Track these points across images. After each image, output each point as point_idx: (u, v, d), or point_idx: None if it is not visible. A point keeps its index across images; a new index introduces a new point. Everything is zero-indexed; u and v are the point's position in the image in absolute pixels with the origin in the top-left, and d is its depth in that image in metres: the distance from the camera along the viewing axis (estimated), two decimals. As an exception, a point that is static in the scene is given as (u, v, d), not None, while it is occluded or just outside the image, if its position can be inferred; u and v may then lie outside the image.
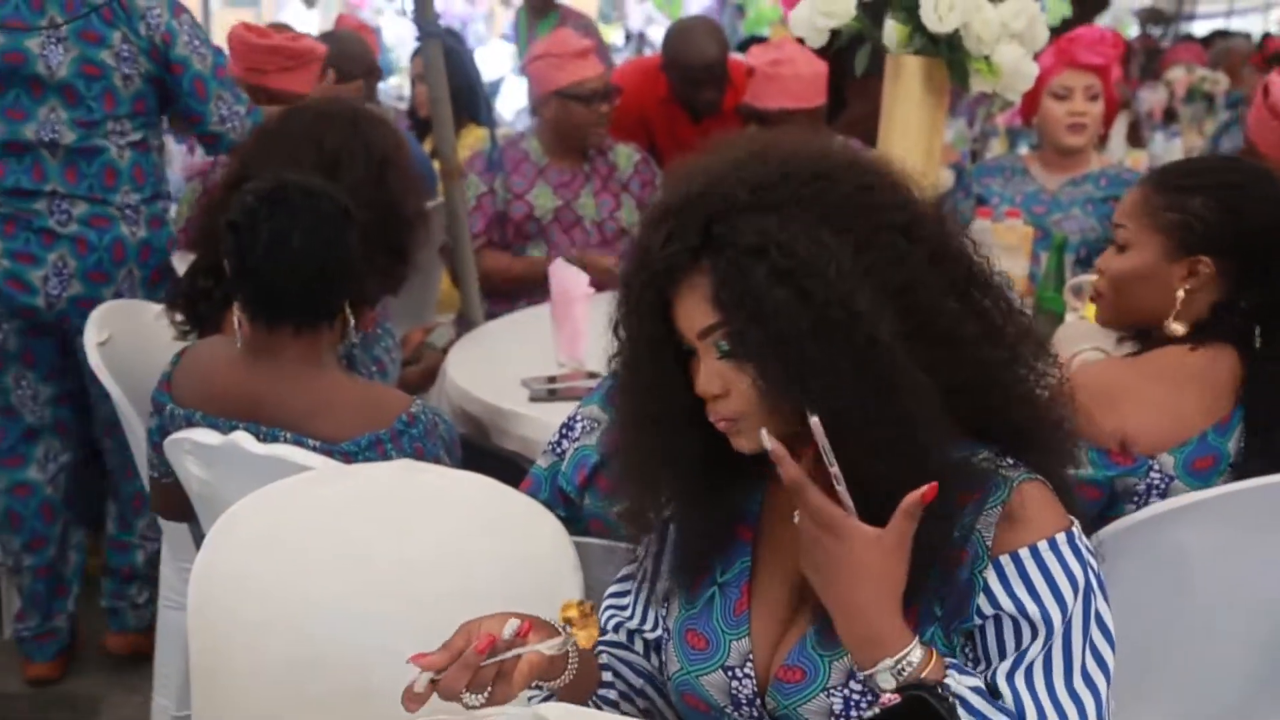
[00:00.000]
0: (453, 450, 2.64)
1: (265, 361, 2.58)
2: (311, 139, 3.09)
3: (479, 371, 3.38)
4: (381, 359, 3.17)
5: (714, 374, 1.58)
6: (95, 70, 3.56)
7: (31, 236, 3.61)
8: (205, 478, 2.54)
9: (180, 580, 3.07)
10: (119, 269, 3.67)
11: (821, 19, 3.33)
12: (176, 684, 3.08)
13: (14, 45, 3.51)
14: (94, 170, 3.63)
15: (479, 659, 1.50)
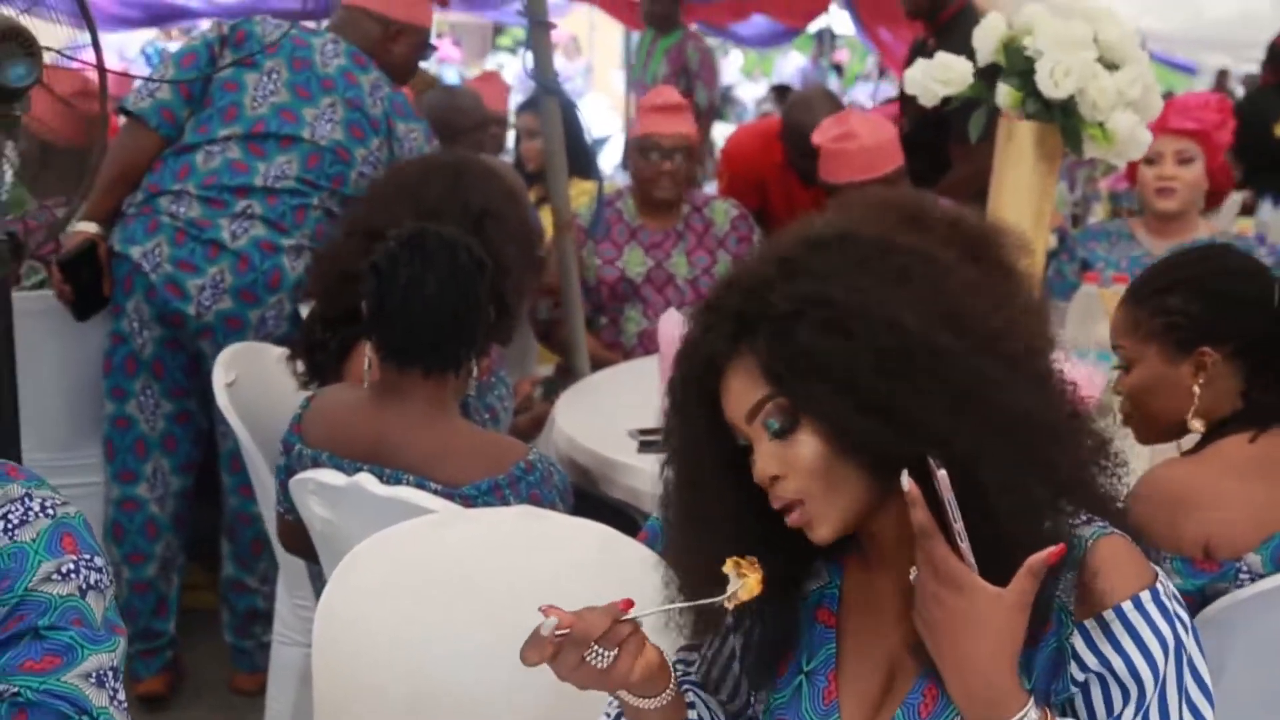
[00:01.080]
0: (566, 498, 2.66)
1: (392, 404, 2.62)
2: (411, 192, 3.18)
3: (587, 421, 3.40)
4: (494, 406, 3.20)
5: (769, 455, 1.53)
6: (344, 157, 3.82)
7: (198, 248, 3.77)
8: (328, 517, 2.57)
9: (295, 617, 3.13)
10: (270, 295, 3.81)
11: (936, 83, 3.35)
12: (288, 713, 3.11)
13: (293, 108, 3.78)
14: (291, 205, 3.82)
15: (620, 612, 1.52)
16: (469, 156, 3.82)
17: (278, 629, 3.21)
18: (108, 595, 1.73)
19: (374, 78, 3.96)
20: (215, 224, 3.81)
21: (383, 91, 3.97)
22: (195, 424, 4.00)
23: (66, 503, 1.78)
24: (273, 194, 3.84)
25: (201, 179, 3.84)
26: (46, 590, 1.67)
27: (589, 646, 1.51)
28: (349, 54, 3.96)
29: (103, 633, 1.68)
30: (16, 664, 1.63)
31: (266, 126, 3.86)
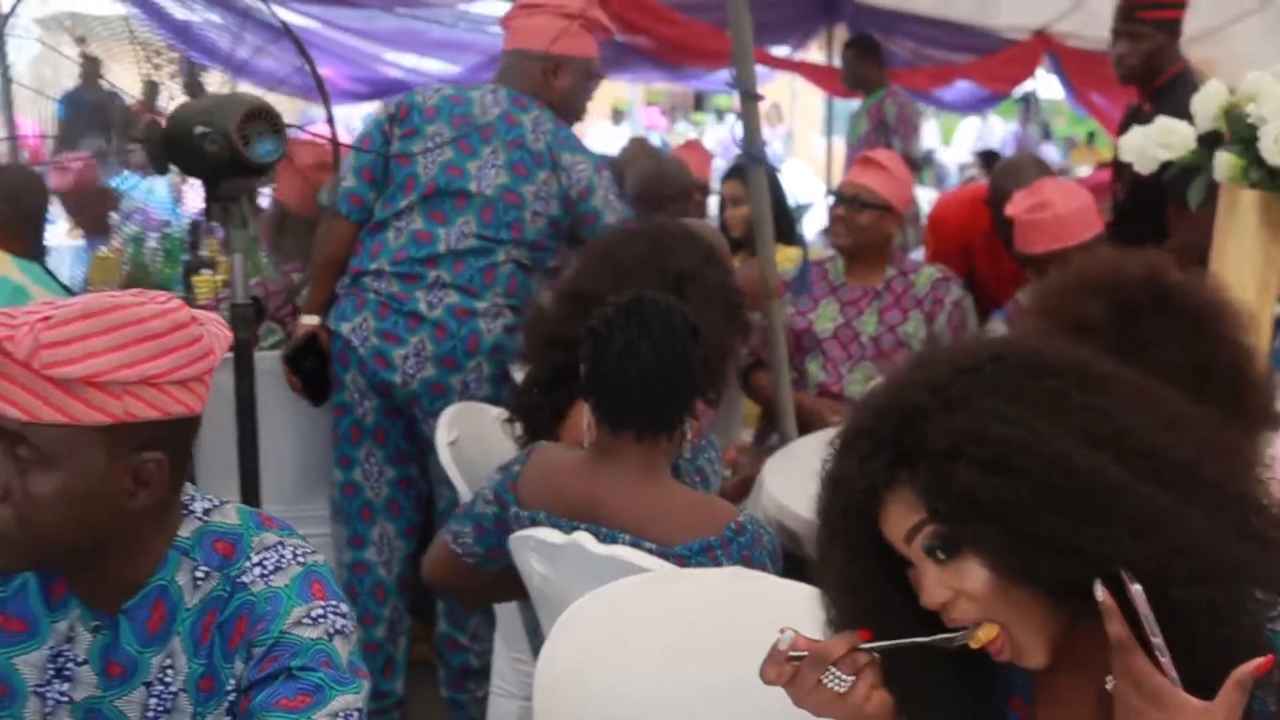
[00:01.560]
0: (775, 559, 2.66)
1: (607, 465, 2.67)
2: (612, 257, 3.25)
3: (795, 485, 3.36)
4: (704, 469, 3.21)
5: (935, 581, 1.51)
6: (514, 199, 3.91)
7: (400, 319, 3.90)
8: (547, 574, 2.61)
9: (511, 670, 3.19)
10: (469, 360, 3.91)
11: (1157, 149, 3.31)
12: None
13: (458, 163, 3.89)
14: (478, 267, 3.92)
15: (860, 640, 1.54)
16: (669, 221, 3.85)
17: (495, 682, 3.27)
18: (352, 640, 1.82)
19: (535, 115, 4.01)
20: (412, 296, 3.93)
21: (545, 126, 4.01)
22: (417, 489, 4.11)
23: (315, 551, 1.88)
24: (459, 259, 3.94)
25: (393, 255, 3.96)
26: (298, 633, 1.76)
27: (827, 669, 1.54)
28: (509, 98, 4.03)
29: (348, 675, 1.77)
30: (273, 701, 1.72)
31: (437, 187, 3.96)
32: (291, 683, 1.74)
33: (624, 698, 2.17)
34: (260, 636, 1.77)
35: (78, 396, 1.66)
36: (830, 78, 9.00)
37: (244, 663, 1.79)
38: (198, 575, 1.83)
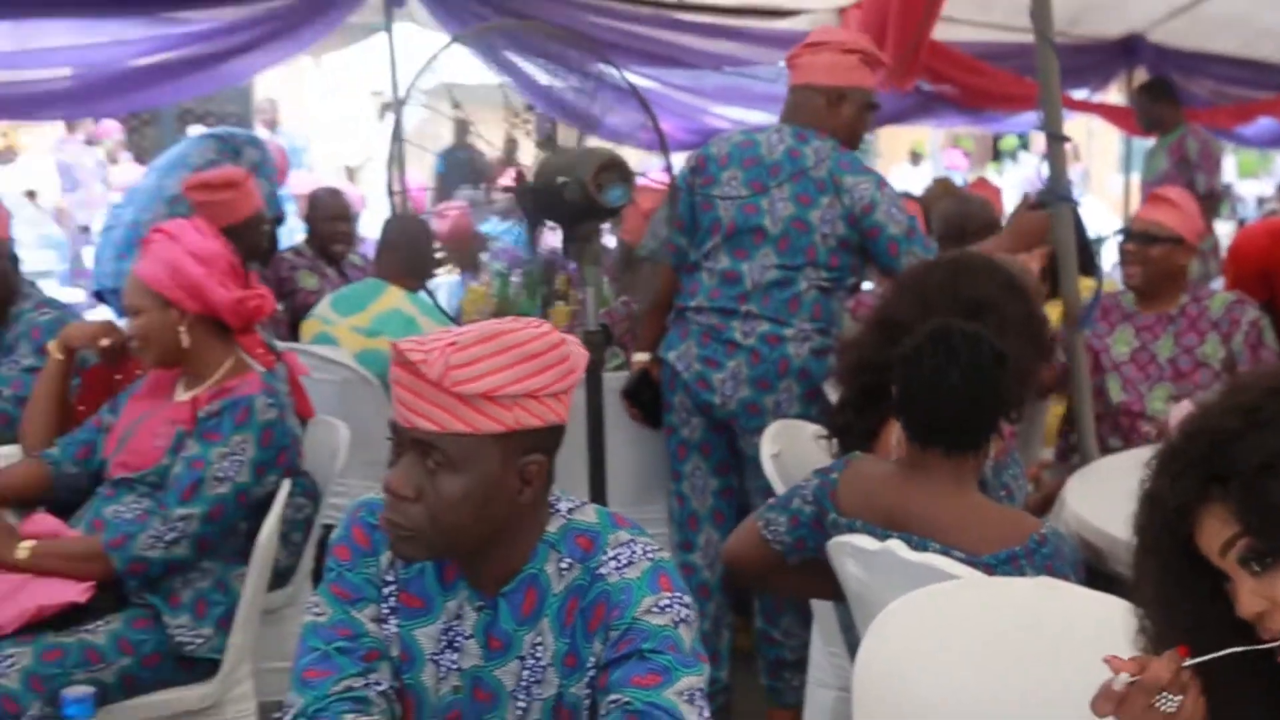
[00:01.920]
0: (1079, 571, 2.60)
1: (917, 478, 2.66)
2: (915, 286, 3.23)
3: (1097, 502, 3.28)
4: (1009, 485, 3.16)
5: (1250, 593, 1.46)
6: (802, 226, 3.93)
7: (719, 347, 3.98)
8: (862, 578, 2.60)
9: (828, 663, 3.19)
10: (780, 381, 3.95)
11: None
12: None
13: (753, 201, 3.95)
14: (782, 298, 3.96)
15: (1182, 658, 1.50)
16: (969, 252, 3.79)
17: (812, 673, 3.27)
18: (694, 628, 1.87)
19: (816, 146, 3.99)
20: (729, 326, 3.99)
21: (825, 154, 3.98)
22: (737, 499, 4.14)
23: (661, 549, 1.95)
24: (765, 293, 3.97)
25: (708, 293, 4.04)
26: (649, 620, 1.83)
27: (1157, 693, 1.51)
28: (793, 134, 4.02)
29: (691, 659, 1.83)
30: (627, 679, 1.79)
31: (737, 226, 4.00)
32: (643, 663, 1.81)
33: (933, 691, 2.15)
34: (616, 622, 1.85)
35: (478, 409, 1.78)
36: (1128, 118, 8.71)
37: (602, 644, 1.86)
38: (562, 566, 1.92)
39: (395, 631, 1.95)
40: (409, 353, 1.77)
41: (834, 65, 4.03)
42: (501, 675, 1.92)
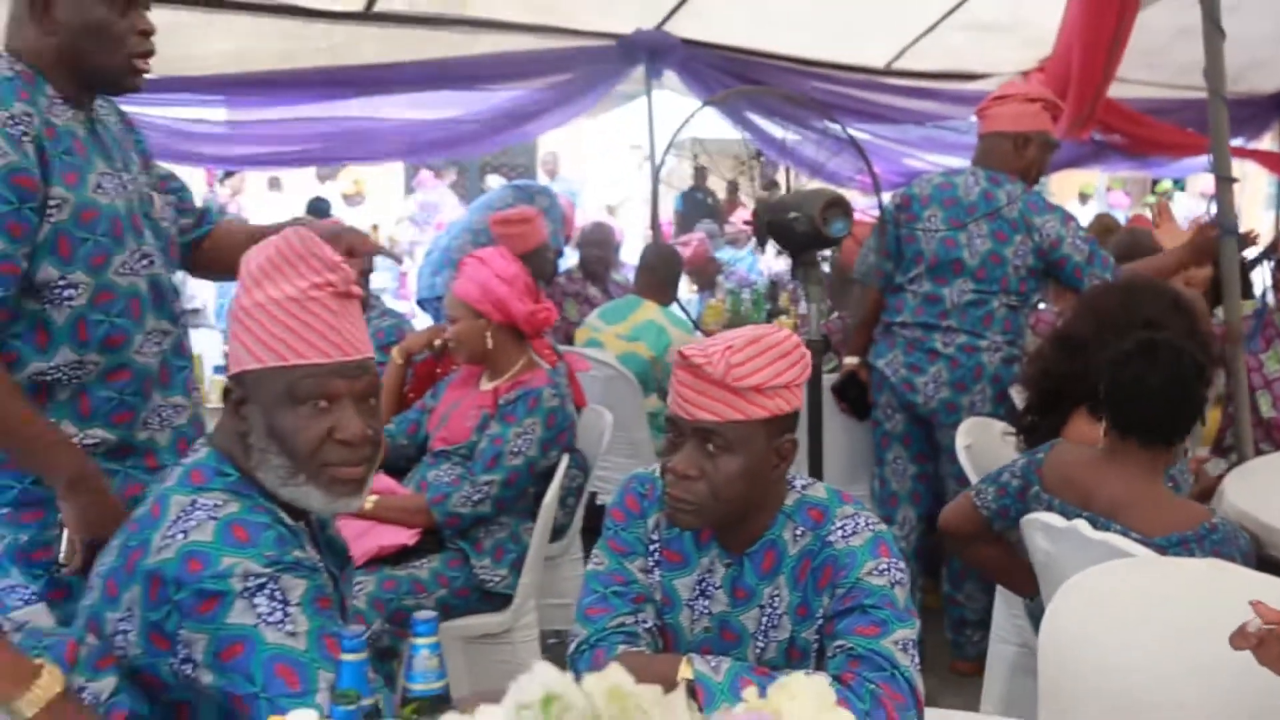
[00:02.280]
0: (1249, 559, 2.45)
1: (1114, 464, 2.55)
2: (1093, 307, 3.11)
3: (1254, 494, 3.10)
4: (1176, 477, 3.00)
5: None
6: (997, 260, 3.83)
7: (922, 355, 3.90)
8: (1050, 550, 2.51)
9: (1010, 623, 3.07)
10: (975, 385, 3.85)
11: None
12: (998, 696, 3.07)
13: (952, 236, 3.85)
14: (978, 315, 3.85)
15: None
16: (1140, 277, 3.64)
17: (995, 631, 3.16)
18: (907, 590, 1.82)
19: (1008, 189, 3.85)
20: (931, 338, 3.89)
21: (1017, 195, 3.85)
22: (932, 483, 4.05)
23: (880, 522, 1.91)
24: (963, 311, 3.86)
25: (913, 310, 3.94)
26: (869, 581, 1.79)
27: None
28: (986, 178, 3.89)
29: (905, 615, 1.78)
30: (851, 628, 1.76)
31: (938, 259, 3.88)
32: (864, 616, 1.78)
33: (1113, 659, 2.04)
34: (842, 581, 1.82)
35: (749, 400, 1.78)
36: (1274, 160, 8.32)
37: (829, 599, 1.83)
38: (797, 533, 1.89)
39: (658, 580, 1.95)
40: (694, 357, 1.78)
41: (1019, 114, 3.90)
42: (744, 620, 1.91)
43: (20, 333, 2.09)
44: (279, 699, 1.53)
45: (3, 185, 2.00)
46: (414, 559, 3.01)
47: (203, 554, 1.58)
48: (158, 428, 2.26)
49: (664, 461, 1.86)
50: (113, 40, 2.13)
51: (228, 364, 1.77)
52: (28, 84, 2.10)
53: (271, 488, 1.71)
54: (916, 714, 1.71)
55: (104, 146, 2.20)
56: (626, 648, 1.87)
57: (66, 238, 2.07)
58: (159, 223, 2.30)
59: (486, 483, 3.02)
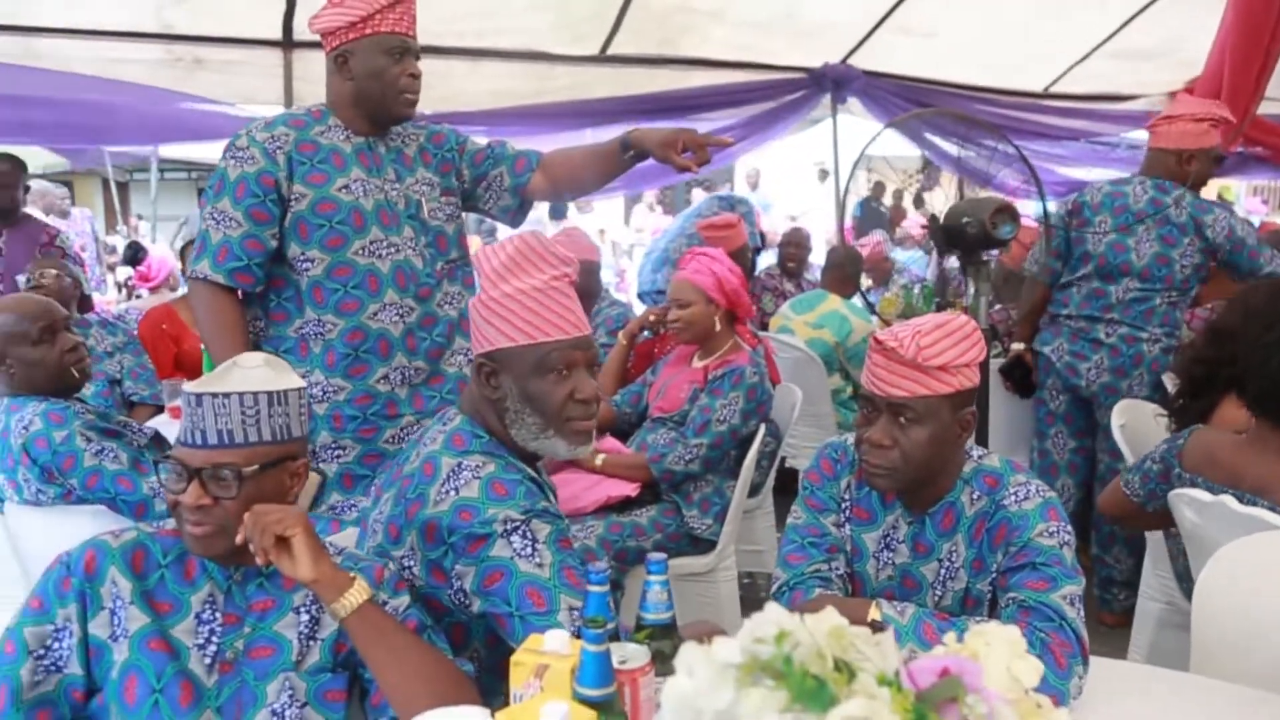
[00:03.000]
0: None
1: (1258, 446, 2.37)
2: (1241, 302, 2.84)
3: None
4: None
5: None
6: (1164, 260, 3.65)
7: (1085, 344, 3.75)
8: (1197, 522, 2.37)
9: (1157, 582, 2.92)
10: (1134, 370, 3.68)
11: None
12: (1146, 646, 2.92)
13: (1121, 240, 3.68)
14: (1140, 310, 3.68)
15: None
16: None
17: (1143, 589, 3.00)
18: (1073, 550, 1.75)
19: (1175, 195, 3.65)
20: (1094, 329, 3.74)
21: (1184, 202, 3.64)
22: (1088, 456, 3.89)
23: (1049, 489, 1.81)
24: (1126, 306, 3.69)
25: (1078, 304, 3.78)
26: (1040, 541, 1.72)
27: None
28: (1154, 186, 3.69)
29: (1072, 572, 1.70)
30: (1023, 583, 1.70)
31: (1107, 261, 3.70)
32: (1035, 572, 1.71)
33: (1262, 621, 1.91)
34: (1015, 540, 1.75)
35: (936, 378, 1.73)
36: None
37: (1002, 555, 1.76)
38: (974, 497, 1.83)
39: (848, 534, 1.92)
40: (888, 341, 1.74)
41: (1185, 132, 3.70)
42: (924, 571, 1.86)
43: (289, 296, 2.40)
44: (529, 616, 1.59)
45: (254, 184, 2.34)
46: (635, 508, 3.05)
47: (471, 506, 1.65)
48: (398, 383, 2.41)
49: (860, 433, 1.82)
50: (389, 81, 2.41)
51: (473, 344, 1.82)
52: (309, 117, 2.44)
53: (523, 442, 1.77)
54: (1082, 661, 1.64)
55: (372, 160, 2.41)
56: (821, 590, 1.85)
57: (304, 224, 2.36)
58: (426, 221, 2.47)
59: (696, 445, 3.03)
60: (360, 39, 2.38)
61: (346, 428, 2.41)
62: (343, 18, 2.37)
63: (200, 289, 2.37)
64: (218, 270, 2.34)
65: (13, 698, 1.48)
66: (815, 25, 5.14)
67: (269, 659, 1.55)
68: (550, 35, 4.84)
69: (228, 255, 2.34)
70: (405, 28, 2.40)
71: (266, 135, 2.36)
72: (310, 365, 2.38)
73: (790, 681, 0.79)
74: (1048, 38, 5.49)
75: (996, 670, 0.90)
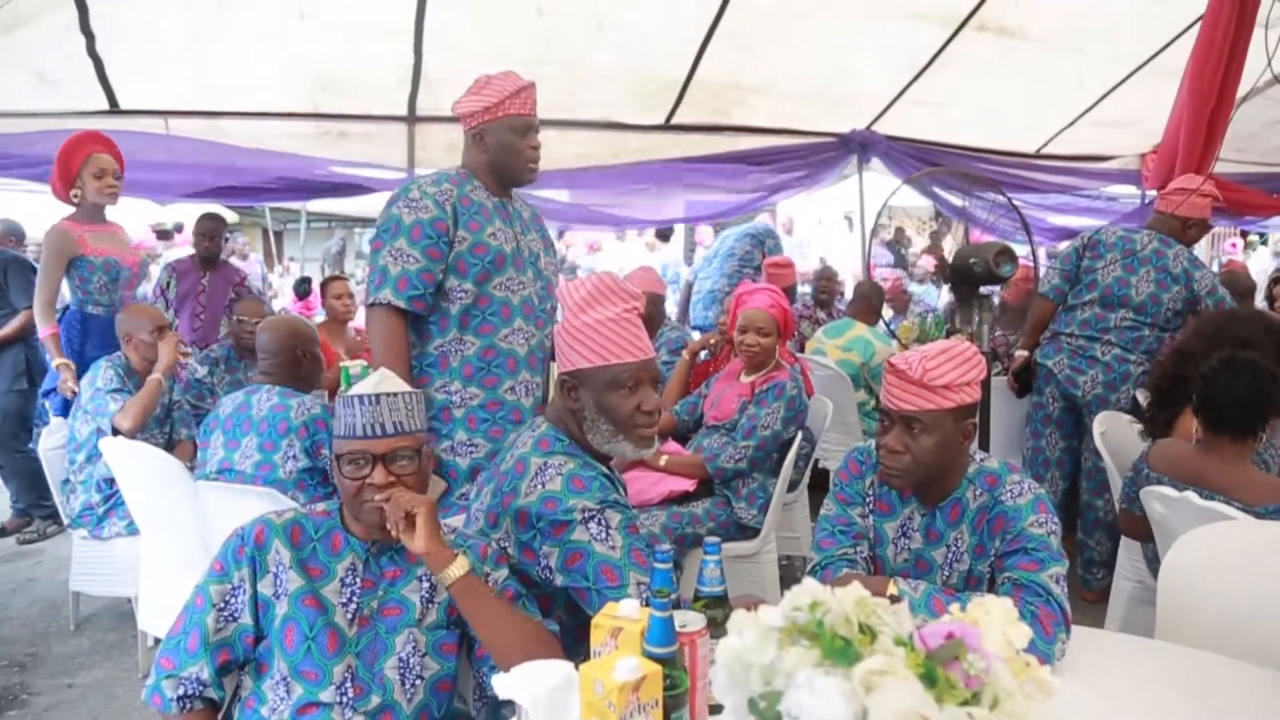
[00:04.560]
0: None
1: (1211, 454, 2.35)
2: (1201, 328, 2.93)
3: None
4: (1268, 460, 2.75)
5: None
6: (1156, 301, 3.63)
7: (1083, 360, 3.70)
8: (1165, 514, 2.33)
9: (1130, 564, 2.85)
10: (1122, 386, 3.64)
11: None
12: (1120, 619, 2.84)
13: (1124, 278, 3.67)
14: (1131, 337, 3.64)
15: None
16: (1242, 308, 3.47)
17: (1118, 570, 2.92)
18: (1059, 537, 1.72)
19: (1175, 250, 3.62)
20: (1092, 347, 3.66)
21: (1182, 257, 3.61)
22: (1074, 455, 3.83)
23: (1040, 486, 1.79)
24: (1121, 331, 3.62)
25: (1080, 325, 3.71)
26: (1032, 530, 1.70)
27: None
28: (1159, 239, 3.64)
29: (1058, 556, 1.68)
30: (1016, 564, 1.68)
31: (1111, 292, 3.65)
32: (1026, 555, 1.69)
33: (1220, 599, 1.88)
34: (1010, 529, 1.74)
35: (940, 394, 1.72)
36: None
37: (1000, 542, 1.75)
38: (976, 493, 1.82)
39: (871, 524, 1.92)
40: (899, 364, 1.74)
41: (1192, 204, 3.71)
42: (934, 555, 1.85)
43: (433, 321, 2.41)
44: (604, 590, 1.61)
45: (429, 227, 2.34)
46: (693, 501, 3.04)
47: (555, 498, 1.66)
48: (523, 395, 2.43)
49: (878, 440, 1.83)
50: (516, 155, 2.43)
51: (558, 364, 1.83)
52: (460, 177, 2.45)
53: (597, 445, 1.78)
54: (1065, 630, 1.63)
55: (506, 215, 2.49)
56: (848, 570, 1.85)
57: (463, 262, 2.37)
58: (542, 270, 2.51)
59: (744, 448, 3.03)
60: (493, 120, 2.40)
61: (479, 428, 2.42)
62: (480, 103, 2.40)
63: (380, 313, 2.35)
64: (399, 297, 2.32)
65: (202, 640, 1.55)
66: (845, 97, 5.13)
67: (397, 617, 1.59)
68: (624, 108, 4.90)
69: (407, 285, 2.33)
70: (529, 109, 2.42)
71: (435, 190, 2.37)
72: (450, 376, 2.40)
73: (822, 641, 0.81)
74: (1039, 109, 5.45)
75: (993, 634, 0.91)
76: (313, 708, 1.53)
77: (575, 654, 1.50)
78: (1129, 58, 4.93)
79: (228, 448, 2.73)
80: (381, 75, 4.43)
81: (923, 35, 4.63)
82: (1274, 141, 4.42)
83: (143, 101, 4.27)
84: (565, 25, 4.21)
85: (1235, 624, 1.84)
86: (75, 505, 3.21)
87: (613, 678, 1.13)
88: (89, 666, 3.18)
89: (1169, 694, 1.53)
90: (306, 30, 4.00)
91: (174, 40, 3.95)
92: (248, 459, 2.70)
